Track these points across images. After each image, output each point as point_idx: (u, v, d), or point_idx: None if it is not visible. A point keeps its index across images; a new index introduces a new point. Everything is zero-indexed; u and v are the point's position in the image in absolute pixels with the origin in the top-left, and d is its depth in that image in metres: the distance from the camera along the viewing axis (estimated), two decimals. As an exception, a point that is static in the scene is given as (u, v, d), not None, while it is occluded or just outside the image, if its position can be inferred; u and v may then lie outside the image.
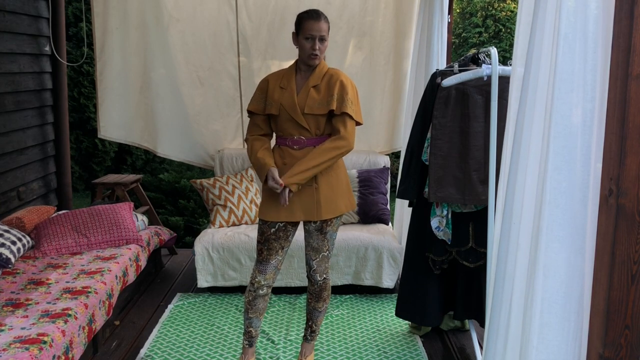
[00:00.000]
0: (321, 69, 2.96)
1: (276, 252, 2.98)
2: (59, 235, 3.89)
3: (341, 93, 2.89)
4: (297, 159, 2.91)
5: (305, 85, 2.94)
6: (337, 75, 2.95)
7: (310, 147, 2.92)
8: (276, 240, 2.97)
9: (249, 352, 3.14)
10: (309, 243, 3.03)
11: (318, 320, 3.19)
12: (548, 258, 1.62)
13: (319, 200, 2.92)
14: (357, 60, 4.91)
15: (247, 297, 3.03)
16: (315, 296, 3.12)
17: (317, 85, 2.93)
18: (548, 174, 1.60)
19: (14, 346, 2.54)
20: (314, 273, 3.06)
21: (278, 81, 2.99)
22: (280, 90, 2.96)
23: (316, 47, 2.86)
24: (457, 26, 10.02)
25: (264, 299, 3.03)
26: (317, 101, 2.90)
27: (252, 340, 3.12)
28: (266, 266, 2.98)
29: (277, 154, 2.98)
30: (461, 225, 3.26)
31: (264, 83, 3.03)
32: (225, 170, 4.83)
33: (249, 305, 3.03)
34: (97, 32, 4.80)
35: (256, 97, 3.03)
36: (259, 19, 4.80)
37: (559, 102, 1.57)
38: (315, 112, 2.89)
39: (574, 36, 1.55)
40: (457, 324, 3.69)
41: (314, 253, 3.03)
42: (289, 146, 2.94)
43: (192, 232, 6.38)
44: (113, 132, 4.99)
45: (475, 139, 3.12)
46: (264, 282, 2.99)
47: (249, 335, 3.10)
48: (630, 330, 1.50)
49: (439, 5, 3.94)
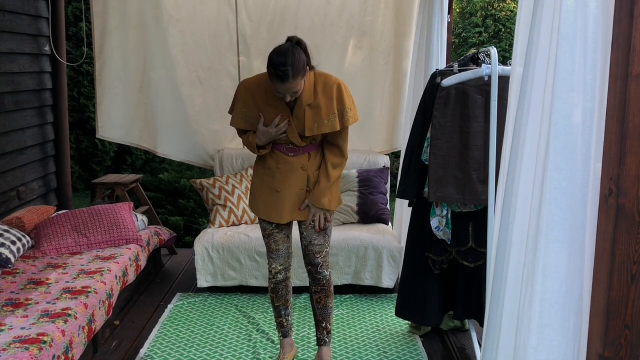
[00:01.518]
0: (309, 83, 2.79)
1: (283, 242, 3.05)
2: (59, 235, 3.89)
3: (341, 108, 2.82)
4: (293, 164, 2.93)
5: (298, 105, 2.80)
6: (329, 82, 2.82)
7: (305, 154, 2.93)
8: (279, 232, 3.04)
9: (285, 343, 3.19)
10: (310, 242, 3.03)
11: (331, 318, 3.16)
12: (548, 258, 1.62)
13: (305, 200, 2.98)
14: (357, 60, 4.91)
15: (269, 286, 3.12)
16: (325, 293, 3.09)
17: (312, 104, 2.81)
18: (548, 174, 1.60)
19: (14, 346, 2.54)
20: (321, 269, 3.04)
21: (264, 97, 2.84)
22: (271, 110, 2.83)
23: (288, 99, 2.76)
24: (457, 26, 10.02)
25: (285, 284, 3.11)
26: (316, 122, 2.81)
27: (284, 331, 3.19)
28: (277, 254, 3.06)
29: (270, 157, 2.97)
30: (461, 225, 3.26)
31: (247, 96, 2.86)
32: (225, 170, 4.83)
33: (273, 293, 3.13)
34: (97, 32, 4.79)
35: (240, 114, 2.89)
36: (259, 19, 4.80)
37: (559, 102, 1.57)
38: (318, 132, 2.83)
39: (574, 36, 1.55)
40: (457, 324, 3.69)
41: (318, 250, 3.03)
42: (283, 153, 2.94)
43: (192, 232, 6.38)
44: (112, 132, 4.98)
45: (475, 139, 3.12)
46: (280, 267, 3.07)
47: (281, 326, 3.19)
48: (630, 330, 1.50)
49: (439, 5, 3.94)
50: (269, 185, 2.98)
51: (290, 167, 2.93)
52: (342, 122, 2.82)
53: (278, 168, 2.94)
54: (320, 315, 3.14)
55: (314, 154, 2.96)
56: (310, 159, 2.96)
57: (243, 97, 2.88)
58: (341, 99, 2.82)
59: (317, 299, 3.11)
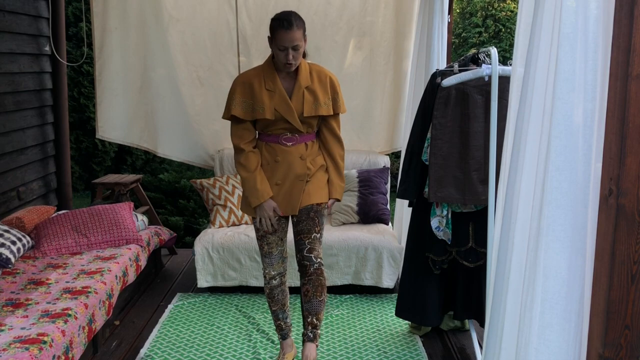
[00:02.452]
0: (305, 68, 2.93)
1: (276, 244, 3.04)
2: (59, 235, 3.89)
3: (334, 94, 2.97)
4: (291, 154, 2.93)
5: (296, 87, 2.89)
6: (322, 71, 2.98)
7: (302, 144, 2.96)
8: (273, 233, 3.02)
9: (284, 345, 3.19)
10: (298, 231, 3.01)
11: (320, 313, 2.97)
12: (549, 258, 1.61)
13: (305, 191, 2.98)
14: (357, 60, 4.91)
15: (265, 291, 3.13)
16: (313, 283, 2.94)
17: (309, 87, 2.91)
18: (549, 174, 1.60)
19: (14, 346, 2.54)
20: (308, 253, 2.94)
21: (261, 83, 2.89)
22: (268, 93, 2.87)
23: (290, 58, 2.80)
24: (457, 26, 10.02)
25: (281, 289, 3.11)
26: (313, 103, 2.90)
27: (283, 333, 3.19)
28: (271, 258, 3.05)
29: (265, 151, 2.96)
30: (461, 225, 3.26)
31: (244, 87, 2.90)
32: (225, 170, 4.83)
33: (269, 298, 3.13)
34: (97, 32, 4.79)
35: (239, 102, 2.90)
36: (259, 19, 4.80)
37: (560, 102, 1.57)
38: (315, 114, 2.90)
39: (574, 36, 1.55)
40: (457, 324, 3.69)
41: (305, 235, 2.97)
42: (281, 143, 2.94)
43: (192, 232, 6.38)
44: (112, 132, 4.98)
45: (475, 139, 3.12)
46: (274, 273, 3.06)
47: (280, 328, 3.19)
48: (630, 330, 1.50)
49: (439, 5, 3.94)
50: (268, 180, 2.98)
51: (290, 158, 2.93)
52: (335, 108, 2.98)
53: (277, 160, 2.94)
54: (308, 307, 2.97)
55: (310, 145, 3.00)
56: (307, 148, 2.98)
57: (240, 88, 2.92)
58: (334, 87, 2.98)
59: (305, 291, 2.97)
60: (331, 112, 2.96)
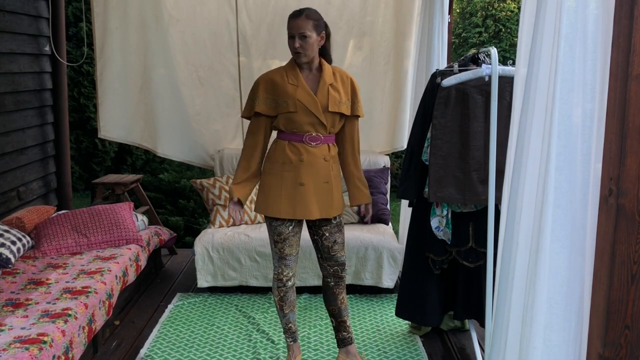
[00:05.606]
0: (329, 68, 2.98)
1: (296, 246, 3.04)
2: (59, 235, 3.89)
3: (353, 96, 3.02)
4: (316, 156, 2.93)
5: (321, 83, 2.93)
6: (344, 73, 3.04)
7: (325, 145, 2.97)
8: (294, 235, 3.01)
9: (294, 348, 3.15)
10: (335, 241, 3.05)
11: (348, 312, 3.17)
12: (549, 259, 1.61)
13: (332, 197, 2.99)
14: (357, 60, 4.91)
15: (278, 294, 3.06)
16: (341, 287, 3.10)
17: (333, 84, 2.95)
18: (550, 174, 1.60)
19: (13, 346, 2.54)
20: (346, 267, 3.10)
21: (285, 78, 2.94)
22: (292, 87, 2.92)
23: (296, 45, 2.86)
24: (457, 26, 10.02)
25: (293, 289, 3.10)
26: (338, 100, 2.94)
27: (294, 336, 3.15)
28: (289, 260, 3.02)
29: (289, 150, 2.93)
30: (461, 225, 3.26)
31: (267, 83, 2.95)
32: (225, 170, 4.83)
33: (282, 302, 3.07)
34: (97, 32, 4.79)
35: (262, 98, 2.94)
36: (259, 19, 4.80)
37: (560, 102, 1.57)
38: (339, 110, 2.93)
39: (574, 36, 1.55)
40: (457, 324, 3.69)
41: (339, 248, 3.07)
42: (306, 142, 2.93)
43: (192, 232, 6.37)
44: (113, 132, 4.98)
45: (475, 139, 3.12)
46: (291, 274, 3.05)
47: (290, 331, 3.14)
48: (630, 330, 1.50)
49: (439, 5, 3.94)
50: (291, 180, 2.93)
51: (314, 158, 2.93)
52: (353, 109, 3.02)
53: (301, 160, 2.92)
54: (341, 312, 3.13)
55: (332, 147, 3.02)
56: (330, 150, 2.99)
57: (263, 85, 2.97)
58: (354, 90, 3.03)
59: (341, 300, 3.12)
60: (349, 113, 2.99)
